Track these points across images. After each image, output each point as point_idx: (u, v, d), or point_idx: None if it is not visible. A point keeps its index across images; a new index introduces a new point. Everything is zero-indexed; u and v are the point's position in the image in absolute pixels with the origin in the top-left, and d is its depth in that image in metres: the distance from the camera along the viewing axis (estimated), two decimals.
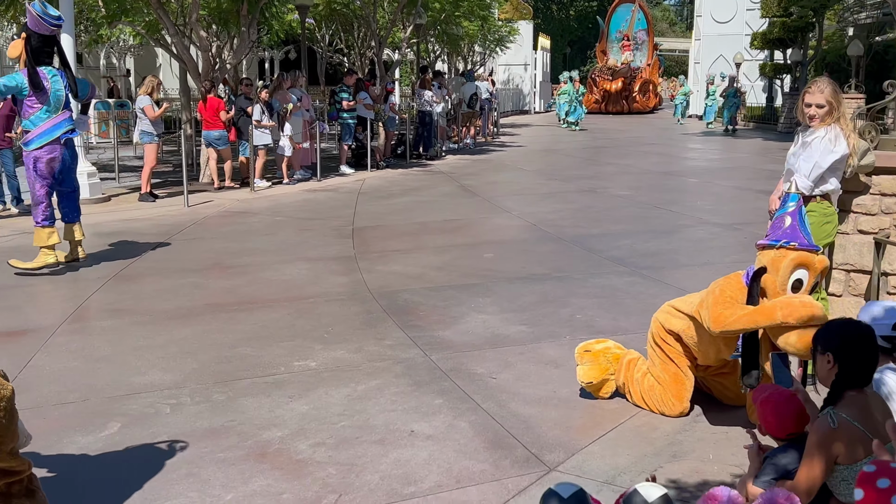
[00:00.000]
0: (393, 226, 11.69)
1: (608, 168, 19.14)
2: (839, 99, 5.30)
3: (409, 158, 19.95)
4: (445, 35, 26.71)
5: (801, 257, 4.28)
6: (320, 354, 6.17)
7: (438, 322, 7.00)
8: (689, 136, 29.29)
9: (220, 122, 14.87)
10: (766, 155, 22.13)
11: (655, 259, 9.43)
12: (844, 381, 3.10)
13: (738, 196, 14.67)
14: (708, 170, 19.10)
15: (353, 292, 7.97)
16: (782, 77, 34.75)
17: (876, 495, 1.00)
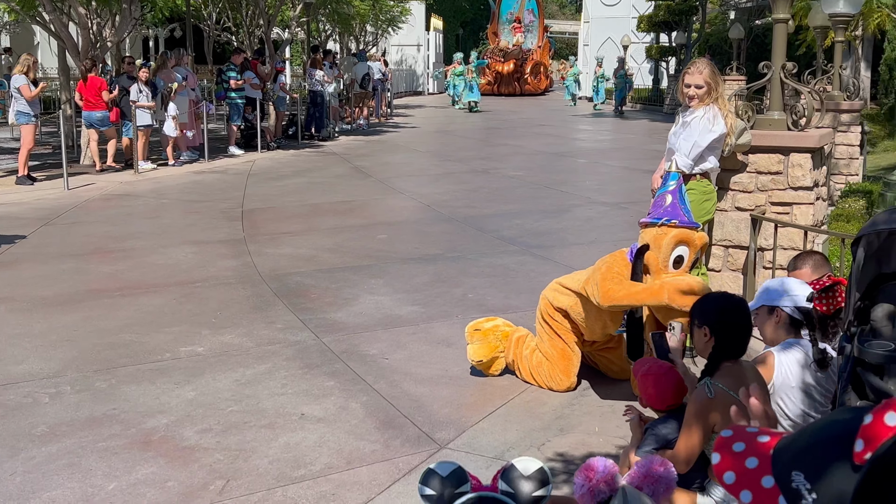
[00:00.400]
0: (284, 208, 11.52)
1: (501, 149, 19.31)
2: (717, 80, 5.45)
3: (301, 139, 19.67)
4: (336, 14, 26.39)
5: (681, 234, 4.42)
6: (208, 339, 6.04)
7: (330, 304, 6.94)
8: (579, 117, 29.81)
9: (102, 102, 14.32)
10: (652, 135, 22.72)
11: (545, 238, 9.58)
12: (721, 352, 3.21)
13: (624, 176, 15.02)
14: (597, 150, 19.49)
15: (242, 276, 7.83)
16: (668, 59, 35.69)
17: (732, 459, 1.03)
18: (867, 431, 0.95)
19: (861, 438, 0.95)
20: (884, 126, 19.44)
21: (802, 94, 5.82)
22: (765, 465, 1.02)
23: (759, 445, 1.05)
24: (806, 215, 5.57)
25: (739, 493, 1.02)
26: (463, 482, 1.84)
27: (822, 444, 0.99)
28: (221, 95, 17.84)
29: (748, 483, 1.02)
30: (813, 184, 5.62)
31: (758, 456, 1.03)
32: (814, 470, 0.98)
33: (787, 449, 1.02)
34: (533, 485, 1.86)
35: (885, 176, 10.22)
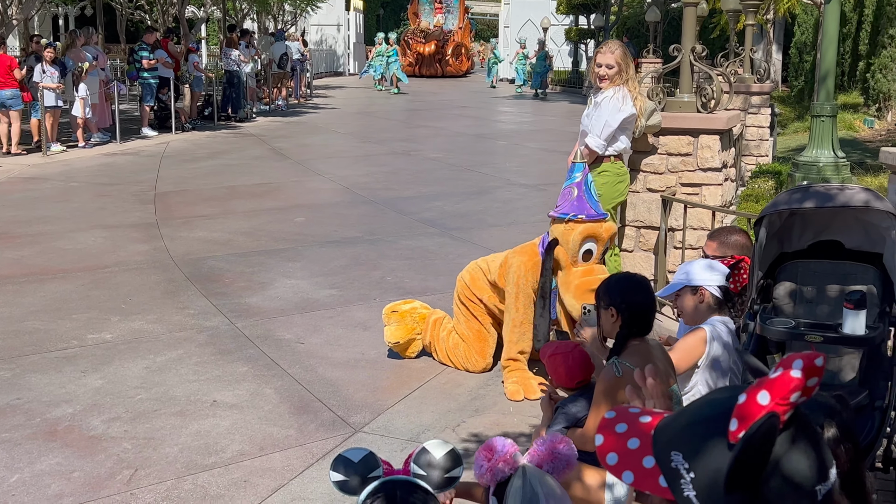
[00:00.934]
0: (199, 190, 11.28)
1: (422, 131, 19.27)
2: (628, 61, 5.50)
3: (217, 120, 19.29)
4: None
5: (588, 229, 4.52)
6: (117, 326, 5.89)
7: (245, 289, 6.83)
8: (500, 99, 29.92)
9: (12, 80, 13.76)
10: (572, 117, 22.93)
11: (465, 220, 9.60)
12: (627, 330, 3.26)
13: (544, 158, 15.13)
14: (517, 132, 19.60)
15: (154, 260, 7.65)
16: (587, 42, 36.06)
17: (614, 440, 1.03)
18: (741, 411, 0.96)
19: (735, 418, 0.96)
20: (794, 108, 19.99)
21: (713, 77, 5.93)
22: (646, 446, 1.03)
23: (641, 426, 1.05)
24: (715, 196, 5.69)
25: (622, 473, 1.03)
26: (374, 467, 1.83)
27: (700, 424, 1.01)
28: (134, 76, 17.36)
29: (630, 464, 1.02)
30: (721, 165, 5.74)
31: (639, 436, 1.04)
32: (691, 449, 0.99)
33: (667, 429, 1.03)
34: (444, 467, 1.86)
35: (794, 157, 10.50)
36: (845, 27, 17.84)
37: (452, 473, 1.86)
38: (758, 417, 0.94)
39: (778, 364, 1.00)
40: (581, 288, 4.54)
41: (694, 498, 0.97)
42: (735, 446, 0.95)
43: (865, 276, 3.57)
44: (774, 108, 12.97)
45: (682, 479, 0.98)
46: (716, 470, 0.96)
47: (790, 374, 0.95)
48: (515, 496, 2.02)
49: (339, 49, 45.88)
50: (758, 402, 0.95)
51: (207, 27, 30.15)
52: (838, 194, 3.43)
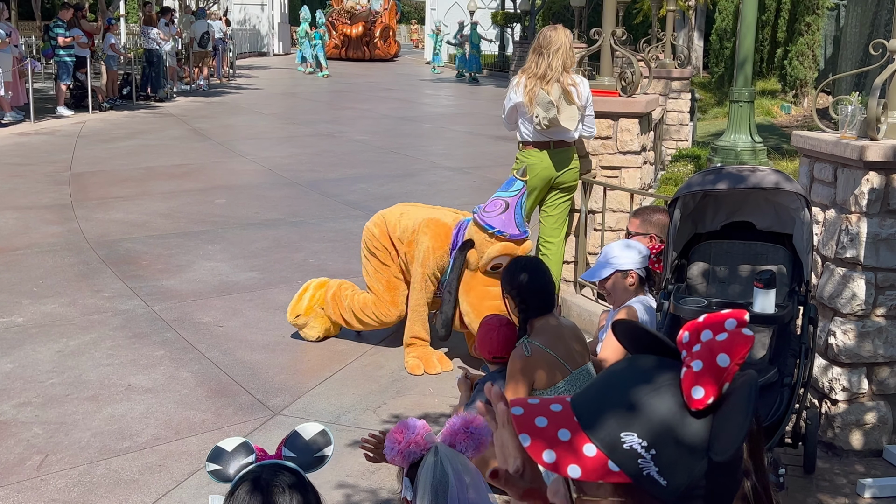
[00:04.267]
0: (116, 171, 10.98)
1: (347, 112, 19.11)
2: (530, 50, 5.50)
3: (136, 100, 18.81)
4: None
5: (506, 248, 4.62)
6: (28, 309, 5.71)
7: (163, 271, 6.69)
8: (427, 82, 29.85)
9: None
10: (498, 102, 22.99)
11: (390, 202, 9.38)
12: (526, 311, 3.34)
13: (470, 141, 15.17)
14: (443, 115, 19.59)
15: (67, 242, 7.43)
16: (513, 26, 36.19)
17: (541, 436, 0.99)
18: (702, 377, 0.94)
19: (698, 385, 0.95)
20: (714, 94, 20.39)
21: (633, 61, 5.99)
22: (578, 435, 0.98)
23: (559, 416, 1.01)
24: (634, 179, 5.76)
25: (566, 468, 0.98)
26: (248, 454, 1.83)
27: (645, 399, 0.97)
28: (49, 53, 16.80)
29: (571, 457, 0.98)
30: (640, 148, 5.82)
31: (566, 427, 1.00)
32: (646, 427, 0.96)
33: (600, 412, 0.99)
34: (316, 448, 1.87)
35: (713, 141, 10.72)
36: (764, 15, 18.24)
37: (322, 453, 1.88)
38: (726, 381, 0.94)
39: (705, 321, 0.98)
40: (482, 294, 4.67)
41: (656, 475, 0.95)
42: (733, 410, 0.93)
43: (776, 256, 3.67)
44: (695, 93, 13.22)
45: (640, 459, 0.95)
46: (680, 441, 0.95)
47: (742, 332, 0.96)
48: (426, 476, 2.02)
49: (264, 29, 45.18)
50: (718, 364, 0.95)
51: (127, 4, 29.36)
52: (750, 176, 3.51)
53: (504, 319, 3.59)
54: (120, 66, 18.67)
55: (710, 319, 0.99)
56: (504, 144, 14.03)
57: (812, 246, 3.62)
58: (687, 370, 0.96)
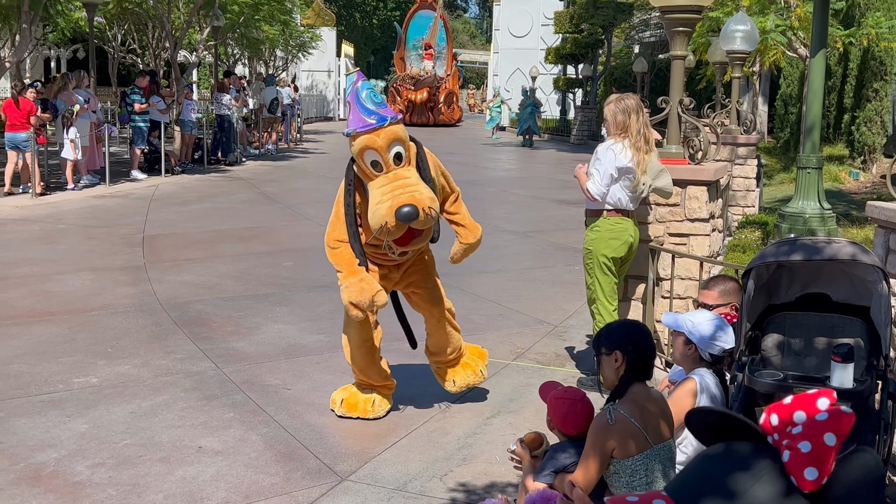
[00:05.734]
0: (187, 234, 11.27)
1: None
2: (620, 116, 5.48)
3: (207, 164, 19.35)
4: (245, 39, 26.15)
5: (364, 141, 4.57)
6: (103, 370, 5.84)
7: (232, 333, 6.80)
8: (489, 146, 30.14)
9: (27, 124, 13.77)
10: (559, 165, 23.11)
11: (453, 266, 9.58)
12: (631, 375, 3.26)
13: (532, 205, 15.22)
14: (505, 179, 19.72)
15: (140, 304, 7.61)
16: (574, 91, 36.46)
17: None
18: (811, 458, 0.95)
19: (811, 466, 0.95)
20: (780, 159, 20.21)
21: (700, 128, 6.01)
22: None
23: None
24: (702, 246, 5.73)
25: None
26: None
27: (746, 489, 0.97)
28: (125, 119, 17.43)
29: None
30: (709, 216, 5.79)
31: None
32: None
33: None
34: None
35: (780, 207, 10.60)
36: (830, 80, 18.12)
37: None
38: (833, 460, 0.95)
39: (794, 402, 0.98)
40: (384, 195, 4.56)
41: None
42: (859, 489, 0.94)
43: (853, 329, 3.60)
44: (761, 159, 13.12)
45: None
46: None
47: (842, 410, 0.96)
48: None
49: (330, 94, 46.25)
50: (826, 444, 0.95)
51: (199, 71, 30.37)
52: (825, 247, 3.47)
53: (578, 392, 3.56)
54: (193, 131, 19.24)
55: (799, 400, 0.99)
56: (566, 208, 14.05)
57: (890, 319, 3.55)
58: (792, 452, 0.96)
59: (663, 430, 3.33)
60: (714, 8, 16.00)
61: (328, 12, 44.46)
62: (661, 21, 10.44)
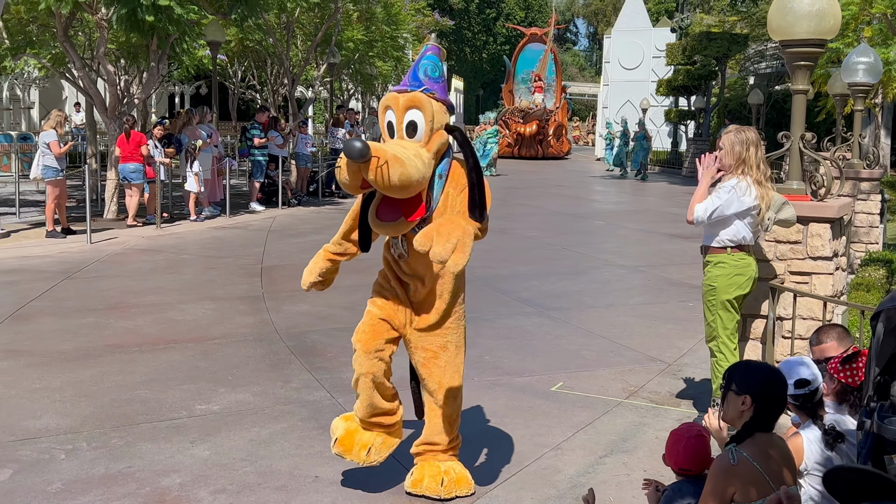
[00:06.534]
0: (302, 264, 11.34)
1: (518, 209, 19.39)
2: (738, 150, 5.40)
3: (322, 196, 19.86)
4: (359, 75, 26.81)
5: (386, 99, 4.25)
6: (224, 397, 6.05)
7: (346, 364, 6.88)
8: (598, 179, 29.94)
9: (138, 155, 14.52)
10: (671, 199, 22.77)
11: (562, 300, 9.57)
12: (757, 423, 3.17)
13: (643, 238, 15.03)
14: (615, 212, 19.54)
15: (259, 333, 7.85)
16: (687, 123, 35.94)
17: None
18: None
19: None
20: None
21: (822, 163, 5.84)
22: None
23: None
24: (825, 285, 5.56)
25: None
26: None
27: None
28: (245, 153, 18.08)
29: None
30: (832, 254, 5.62)
31: None
32: None
33: None
34: None
35: None
36: None
37: None
38: None
39: None
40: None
41: None
42: None
43: None
44: (884, 194, 12.64)
45: None
46: None
47: None
48: None
49: None
50: None
51: (314, 106, 31.27)
52: None
53: (694, 430, 3.50)
54: (308, 164, 19.81)
55: None
56: (679, 242, 13.83)
57: None
58: None
59: (786, 478, 3.24)
60: (834, 39, 15.55)
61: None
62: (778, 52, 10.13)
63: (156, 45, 15.47)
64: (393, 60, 27.42)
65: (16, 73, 25.21)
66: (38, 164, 13.52)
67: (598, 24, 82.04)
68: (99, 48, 15.32)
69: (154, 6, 13.16)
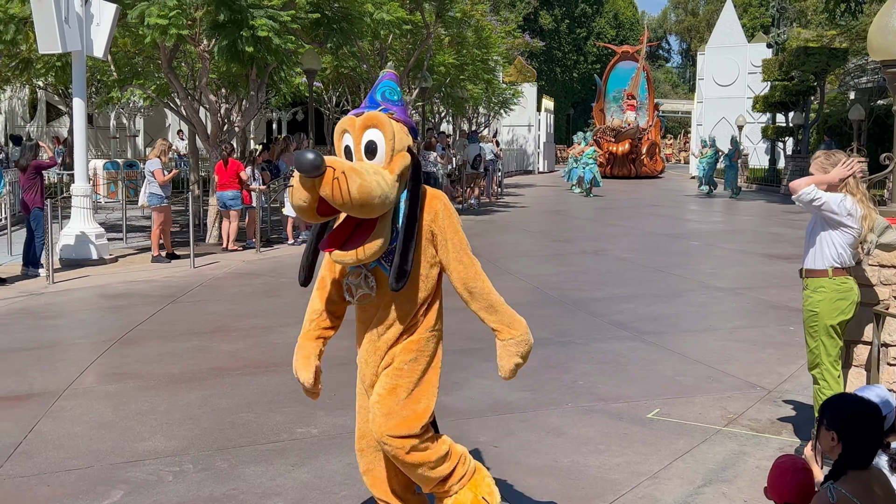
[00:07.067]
0: None
1: (612, 230, 19.26)
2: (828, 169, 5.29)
3: None
4: (450, 98, 27.09)
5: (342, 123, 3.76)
6: (323, 421, 6.19)
7: (440, 387, 6.98)
8: (692, 198, 29.47)
9: (235, 182, 15.01)
10: (768, 218, 22.26)
11: (657, 324, 9.46)
12: (849, 459, 3.10)
13: (740, 260, 14.73)
14: (710, 232, 19.20)
15: (355, 357, 7.96)
16: (784, 140, 35.07)
17: None
18: None
19: None
20: None
21: None
22: None
23: None
24: None
25: None
26: None
27: None
28: None
29: None
30: None
31: None
32: None
33: None
34: None
35: None
36: None
37: None
38: None
39: None
40: None
41: None
42: None
43: None
44: None
45: None
46: None
47: None
48: None
49: (530, 148, 46.90)
50: None
51: None
52: None
53: (799, 463, 3.43)
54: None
55: None
56: (778, 264, 13.50)
57: None
58: None
59: None
60: None
61: (529, 69, 45.28)
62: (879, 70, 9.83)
63: (255, 74, 15.98)
64: (483, 83, 27.63)
65: (122, 102, 26.35)
66: (145, 192, 14.10)
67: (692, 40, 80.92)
68: (201, 78, 15.92)
69: (254, 37, 13.62)
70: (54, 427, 6.07)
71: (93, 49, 13.54)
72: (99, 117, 32.59)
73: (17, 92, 30.84)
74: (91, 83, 21.76)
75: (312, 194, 3.42)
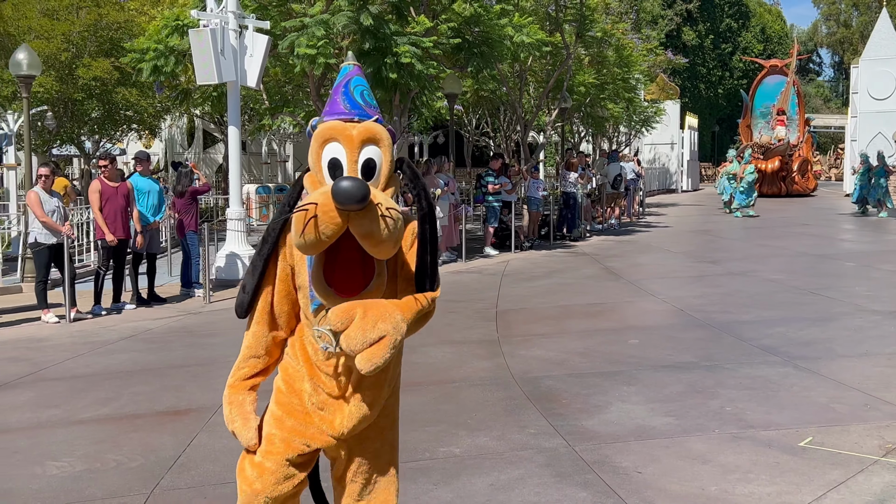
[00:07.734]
0: (536, 308, 11.74)
1: (759, 250, 18.62)
2: None
3: (553, 240, 20.04)
4: (590, 117, 26.93)
5: (328, 129, 3.14)
6: (464, 441, 6.25)
7: (581, 410, 6.96)
8: (846, 216, 28.14)
9: None
10: None
11: (810, 349, 9.08)
12: None
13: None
14: (866, 253, 18.27)
15: (495, 377, 8.05)
16: None
17: None
18: None
19: None
20: None
21: None
22: None
23: None
24: None
25: None
26: None
27: None
28: (480, 199, 18.65)
29: None
30: None
31: None
32: None
33: None
34: None
35: None
36: None
37: None
38: None
39: None
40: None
41: None
42: None
43: None
44: None
45: None
46: None
47: None
48: None
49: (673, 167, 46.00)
50: None
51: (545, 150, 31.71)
52: None
53: None
54: (539, 208, 20.11)
55: None
56: None
57: None
58: None
59: None
60: None
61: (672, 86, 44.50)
62: None
63: (398, 99, 16.37)
64: (624, 102, 27.33)
65: (273, 129, 27.50)
66: None
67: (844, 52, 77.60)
68: None
69: (397, 64, 13.98)
70: (211, 441, 6.37)
71: (246, 79, 14.22)
72: (251, 144, 34.13)
73: (176, 121, 32.76)
74: (244, 111, 22.84)
75: (340, 229, 2.87)
